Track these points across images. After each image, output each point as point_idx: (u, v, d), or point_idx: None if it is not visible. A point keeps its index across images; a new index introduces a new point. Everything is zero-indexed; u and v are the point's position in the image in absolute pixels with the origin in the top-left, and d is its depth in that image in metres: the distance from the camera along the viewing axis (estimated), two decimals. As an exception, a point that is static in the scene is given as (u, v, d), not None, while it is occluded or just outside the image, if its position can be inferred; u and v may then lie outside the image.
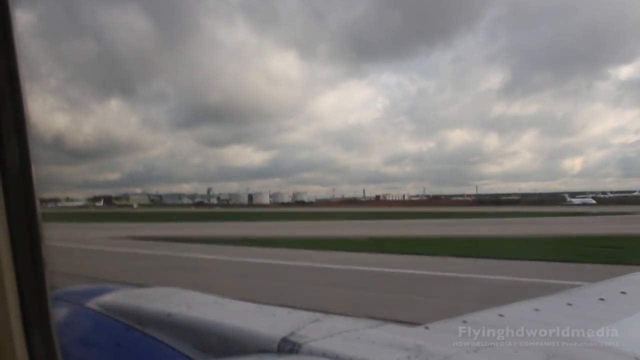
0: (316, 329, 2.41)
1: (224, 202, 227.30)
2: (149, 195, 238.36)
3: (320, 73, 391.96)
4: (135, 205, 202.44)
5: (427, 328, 2.61)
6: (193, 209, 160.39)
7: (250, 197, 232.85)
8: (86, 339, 2.86)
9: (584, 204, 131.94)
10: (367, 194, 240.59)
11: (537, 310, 2.96)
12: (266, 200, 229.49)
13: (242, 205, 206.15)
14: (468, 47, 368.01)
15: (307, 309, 2.87)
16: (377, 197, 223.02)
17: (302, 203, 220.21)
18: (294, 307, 2.88)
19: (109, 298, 3.07)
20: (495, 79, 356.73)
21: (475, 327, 2.61)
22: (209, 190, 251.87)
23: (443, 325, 2.69)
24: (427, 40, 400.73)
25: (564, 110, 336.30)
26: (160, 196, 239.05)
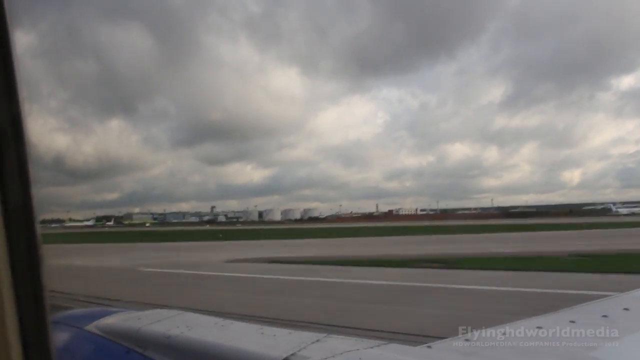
0: (318, 350, 2.38)
1: (234, 219, 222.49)
2: (152, 215, 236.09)
3: (323, 89, 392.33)
4: (147, 224, 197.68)
5: (429, 347, 2.54)
6: (208, 227, 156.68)
7: (261, 214, 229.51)
8: None
9: (632, 214, 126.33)
10: (368, 209, 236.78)
11: (540, 327, 2.86)
12: (277, 216, 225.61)
13: (253, 222, 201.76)
14: (471, 60, 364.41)
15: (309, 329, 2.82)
16: (390, 211, 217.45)
17: (314, 219, 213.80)
18: (294, 328, 2.83)
19: (109, 321, 3.10)
20: (497, 91, 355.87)
21: (479, 345, 2.53)
22: (212, 208, 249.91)
23: (446, 344, 2.62)
24: (430, 53, 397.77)
25: (566, 122, 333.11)
26: (165, 215, 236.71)
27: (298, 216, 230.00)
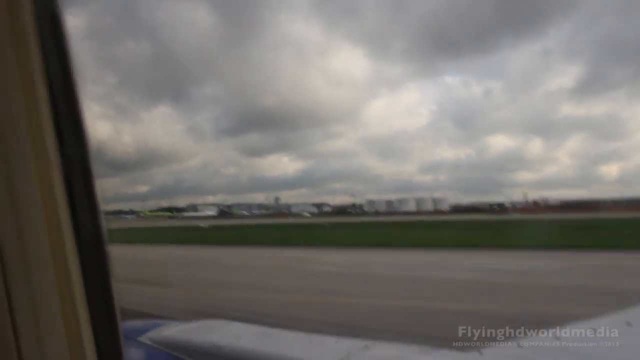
0: (366, 357, 2.38)
1: (322, 211, 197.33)
2: (217, 206, 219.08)
3: (387, 72, 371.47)
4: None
5: (480, 354, 2.53)
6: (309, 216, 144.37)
7: (390, 203, 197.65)
8: None
9: None
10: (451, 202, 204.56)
11: (594, 330, 2.82)
12: (411, 206, 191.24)
13: (389, 214, 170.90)
14: (554, 40, 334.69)
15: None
16: (535, 202, 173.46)
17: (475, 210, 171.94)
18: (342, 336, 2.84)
19: (161, 333, 3.14)
20: (571, 75, 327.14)
21: (532, 351, 2.51)
22: (276, 199, 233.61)
23: (497, 350, 2.59)
24: (514, 32, 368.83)
25: (632, 112, 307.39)
26: (229, 207, 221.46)
27: (430, 207, 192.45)
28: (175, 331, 3.18)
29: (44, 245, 0.75)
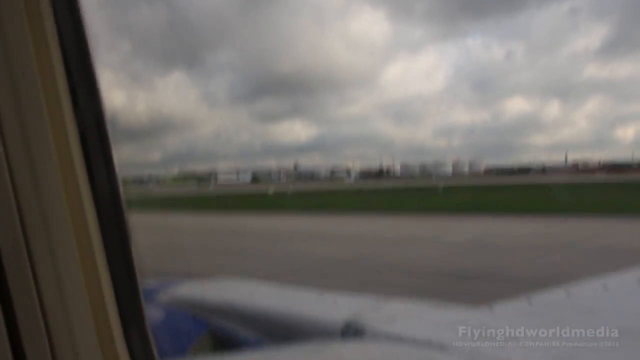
0: (378, 313, 2.42)
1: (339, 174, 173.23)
2: (237, 172, 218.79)
3: (408, 35, 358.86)
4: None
5: (491, 309, 2.56)
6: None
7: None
8: (157, 330, 3.01)
9: None
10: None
11: (606, 288, 2.83)
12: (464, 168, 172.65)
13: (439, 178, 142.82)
14: None
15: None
16: (576, 164, 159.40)
17: (522, 170, 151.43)
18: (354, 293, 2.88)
19: (176, 291, 3.22)
20: (597, 35, 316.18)
21: (542, 307, 2.53)
22: (295, 165, 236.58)
23: (508, 305, 2.62)
24: None
25: None
26: (254, 172, 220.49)
27: (467, 169, 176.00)
28: (190, 289, 3.25)
29: (62, 208, 0.76)
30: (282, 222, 29.29)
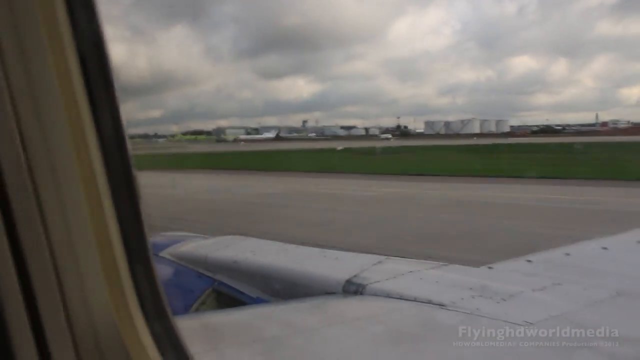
0: (379, 271, 2.46)
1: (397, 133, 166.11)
2: (245, 129, 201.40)
3: None
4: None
5: (490, 268, 2.60)
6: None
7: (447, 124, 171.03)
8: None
9: None
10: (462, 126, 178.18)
11: (605, 248, 2.86)
12: (476, 128, 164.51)
13: (446, 136, 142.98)
14: None
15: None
16: (605, 124, 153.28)
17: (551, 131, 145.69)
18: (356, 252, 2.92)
19: (180, 248, 3.26)
20: None
21: (541, 266, 2.56)
22: (304, 122, 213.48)
23: (507, 265, 2.66)
24: None
25: None
26: (257, 130, 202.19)
27: (508, 128, 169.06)
28: (194, 246, 3.29)
29: (72, 164, 0.76)
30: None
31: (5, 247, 0.71)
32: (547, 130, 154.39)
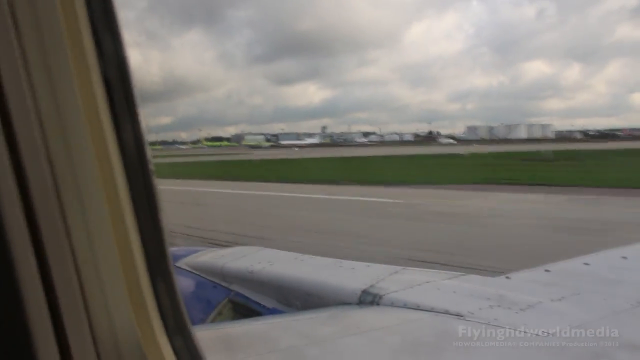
0: (396, 281, 2.45)
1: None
2: (264, 136, 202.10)
3: None
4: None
5: (508, 278, 2.57)
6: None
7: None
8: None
9: None
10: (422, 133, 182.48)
11: (624, 258, 2.82)
12: (522, 133, 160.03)
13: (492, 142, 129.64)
14: None
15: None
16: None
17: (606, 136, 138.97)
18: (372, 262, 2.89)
19: (196, 259, 3.29)
20: None
21: (560, 276, 2.53)
22: (323, 128, 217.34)
23: (525, 275, 2.63)
24: None
25: None
26: (277, 136, 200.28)
27: (539, 134, 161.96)
28: (210, 257, 3.32)
29: (94, 172, 0.77)
30: None
31: (33, 263, 0.72)
32: (601, 135, 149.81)
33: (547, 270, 2.62)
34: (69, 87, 0.75)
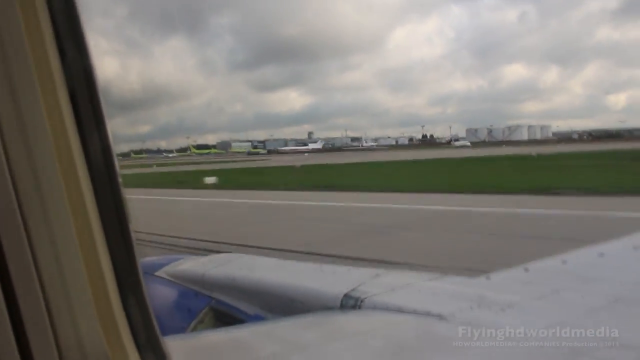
0: (377, 284, 2.45)
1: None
2: (251, 143, 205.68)
3: None
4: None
5: (488, 278, 2.59)
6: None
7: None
8: (159, 306, 3.04)
9: None
10: (400, 138, 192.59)
11: (601, 255, 2.86)
12: (524, 135, 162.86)
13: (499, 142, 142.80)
14: None
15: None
16: None
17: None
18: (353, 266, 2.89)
19: (176, 267, 3.24)
20: None
21: (539, 275, 2.56)
22: (309, 134, 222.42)
23: (505, 275, 2.65)
24: None
25: None
26: (264, 143, 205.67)
27: (539, 135, 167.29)
28: (190, 265, 3.27)
29: (59, 184, 0.75)
30: None
31: None
32: (605, 135, 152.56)
33: (526, 270, 2.65)
34: (31, 98, 0.73)
